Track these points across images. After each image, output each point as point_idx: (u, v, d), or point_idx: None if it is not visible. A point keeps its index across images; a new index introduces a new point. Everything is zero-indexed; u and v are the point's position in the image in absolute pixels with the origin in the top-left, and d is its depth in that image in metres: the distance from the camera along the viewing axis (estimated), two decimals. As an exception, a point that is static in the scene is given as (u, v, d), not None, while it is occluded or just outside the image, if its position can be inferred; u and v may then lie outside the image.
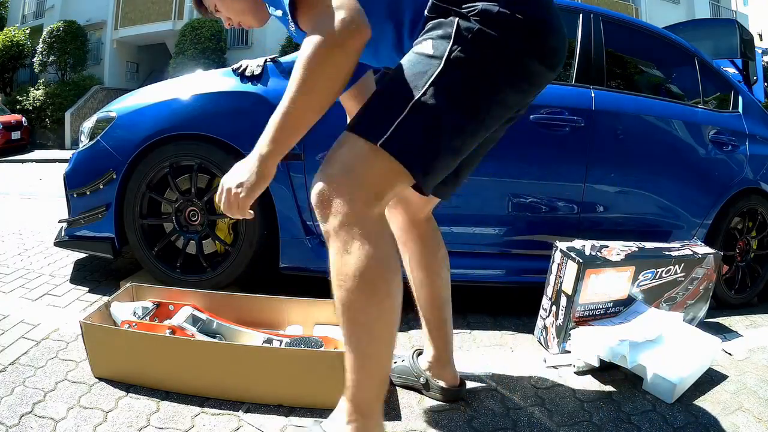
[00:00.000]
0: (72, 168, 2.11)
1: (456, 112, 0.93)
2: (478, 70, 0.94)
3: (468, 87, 0.94)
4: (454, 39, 0.93)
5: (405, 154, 0.90)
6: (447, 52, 0.92)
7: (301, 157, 1.93)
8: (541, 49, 0.99)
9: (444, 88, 0.91)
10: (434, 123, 0.91)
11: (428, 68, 0.92)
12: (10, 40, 15.11)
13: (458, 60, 0.92)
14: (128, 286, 1.67)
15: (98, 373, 1.40)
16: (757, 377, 1.70)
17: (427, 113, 0.90)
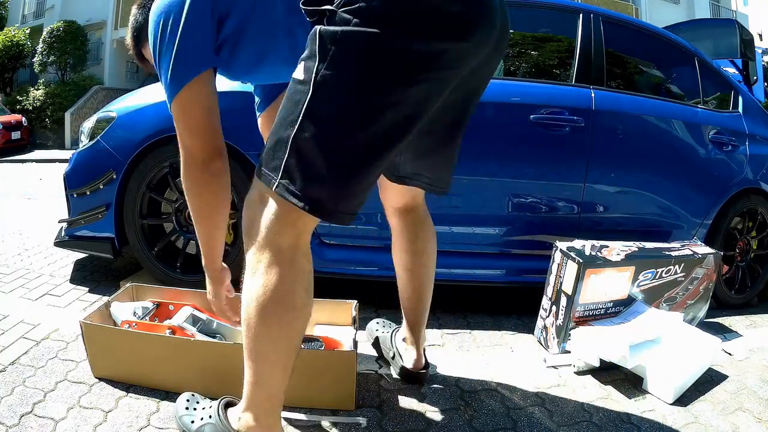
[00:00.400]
0: (72, 168, 2.11)
1: (342, 134, 0.86)
2: (351, 83, 0.85)
3: (344, 106, 0.86)
4: (318, 55, 0.85)
5: (299, 197, 0.85)
6: (314, 74, 0.85)
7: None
8: (429, 25, 0.85)
9: (318, 115, 0.85)
10: (322, 154, 0.85)
11: (300, 97, 0.86)
12: (10, 40, 15.09)
13: (327, 79, 0.84)
14: (128, 286, 1.67)
15: (98, 373, 1.40)
16: (757, 377, 1.70)
17: (309, 146, 0.85)
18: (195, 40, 1.05)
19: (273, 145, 0.89)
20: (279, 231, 0.88)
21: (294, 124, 0.85)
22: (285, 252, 0.89)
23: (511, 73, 2.33)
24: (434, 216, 1.41)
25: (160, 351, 1.35)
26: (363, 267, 2.01)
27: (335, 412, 1.31)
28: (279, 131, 0.88)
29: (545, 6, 2.28)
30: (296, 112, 0.86)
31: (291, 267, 0.90)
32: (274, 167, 0.87)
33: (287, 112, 0.88)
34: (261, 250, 0.89)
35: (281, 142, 0.87)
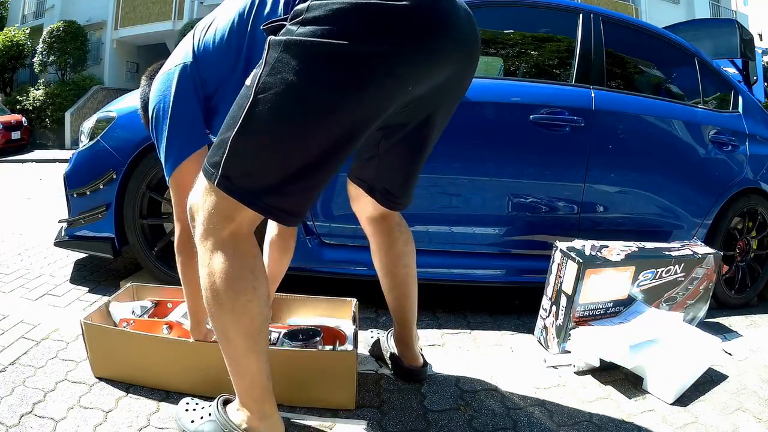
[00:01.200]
0: (72, 168, 2.11)
1: (276, 137, 0.90)
2: (288, 88, 0.88)
3: (280, 109, 0.89)
4: (263, 63, 0.90)
5: (235, 192, 0.92)
6: (257, 80, 0.89)
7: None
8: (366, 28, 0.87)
9: (256, 117, 0.89)
10: (257, 153, 0.91)
11: (243, 101, 0.91)
12: (10, 40, 15.09)
13: (266, 84, 0.89)
14: (128, 286, 1.67)
15: (99, 372, 1.40)
16: (757, 377, 1.70)
17: (246, 145, 0.91)
18: (184, 125, 1.16)
19: (217, 144, 0.94)
20: (219, 222, 0.94)
21: (234, 126, 0.90)
22: (227, 240, 0.95)
23: (511, 73, 2.33)
24: (435, 216, 1.41)
25: (161, 351, 1.35)
26: (363, 267, 2.01)
27: (335, 413, 1.31)
28: (223, 132, 0.93)
29: (545, 6, 2.28)
30: (238, 115, 0.91)
31: (234, 252, 0.95)
32: (214, 163, 0.93)
33: (231, 114, 0.93)
34: (205, 240, 0.96)
35: (223, 142, 0.92)
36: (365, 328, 1.87)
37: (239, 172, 0.91)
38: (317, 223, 1.99)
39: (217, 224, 0.95)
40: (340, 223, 1.99)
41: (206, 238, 0.96)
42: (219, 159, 0.92)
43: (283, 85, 0.88)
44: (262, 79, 0.89)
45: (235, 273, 0.94)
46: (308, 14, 0.87)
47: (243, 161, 0.91)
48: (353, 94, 0.89)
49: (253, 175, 0.92)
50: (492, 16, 2.21)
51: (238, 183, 0.91)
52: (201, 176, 0.97)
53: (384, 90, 0.92)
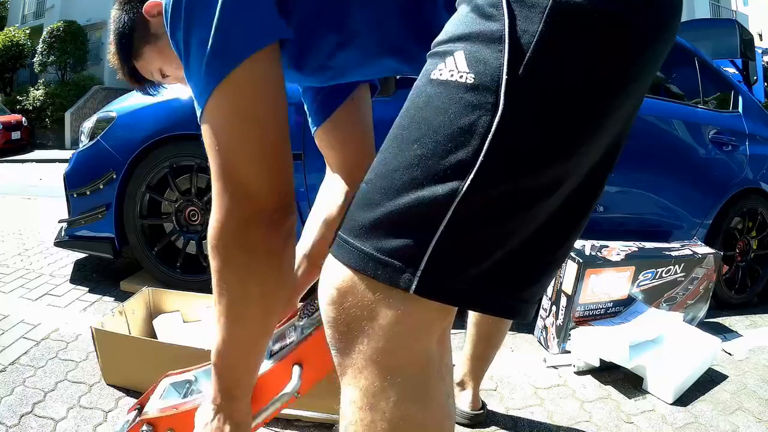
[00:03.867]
0: (72, 168, 2.11)
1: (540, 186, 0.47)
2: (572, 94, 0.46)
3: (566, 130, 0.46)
4: (511, 37, 0.44)
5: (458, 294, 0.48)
6: (503, 76, 0.44)
7: (301, 157, 1.93)
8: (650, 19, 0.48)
9: (513, 149, 0.45)
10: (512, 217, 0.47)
11: (471, 117, 0.45)
12: (10, 40, 15.10)
13: (533, 84, 0.44)
14: (144, 291, 1.62)
15: (110, 380, 1.38)
16: (757, 377, 1.70)
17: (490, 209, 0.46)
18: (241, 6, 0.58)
19: (400, 209, 0.47)
20: (421, 341, 0.52)
21: (464, 173, 0.45)
22: (433, 361, 0.53)
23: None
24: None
25: (175, 360, 1.32)
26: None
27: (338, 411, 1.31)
28: (419, 182, 0.46)
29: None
30: (467, 149, 0.45)
31: (441, 383, 0.54)
32: (405, 250, 0.47)
33: (439, 147, 0.46)
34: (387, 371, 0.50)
35: (427, 204, 0.46)
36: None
37: (468, 258, 0.47)
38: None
39: (411, 341, 0.50)
40: (340, 223, 1.99)
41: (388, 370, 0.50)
42: (421, 242, 0.46)
43: (561, 82, 0.45)
44: (520, 71, 0.44)
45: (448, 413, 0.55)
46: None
47: (475, 240, 0.47)
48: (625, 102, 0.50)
49: (488, 261, 0.48)
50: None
51: (464, 281, 0.48)
52: (352, 275, 0.49)
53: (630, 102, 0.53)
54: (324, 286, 0.52)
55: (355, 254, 0.49)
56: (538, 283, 0.53)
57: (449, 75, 0.47)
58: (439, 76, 0.47)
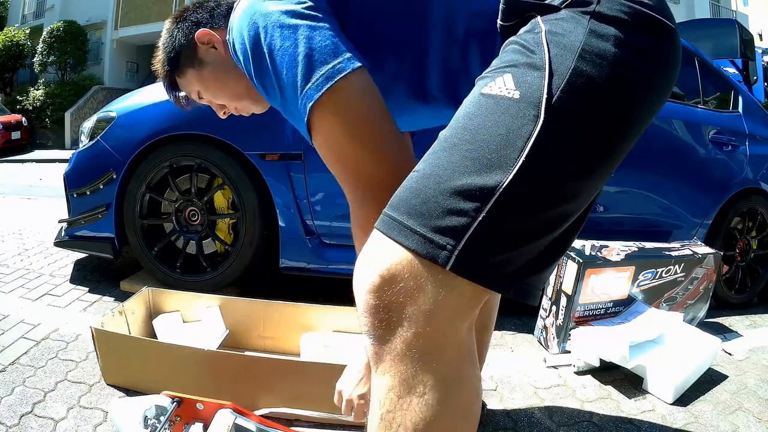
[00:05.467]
0: (72, 168, 2.11)
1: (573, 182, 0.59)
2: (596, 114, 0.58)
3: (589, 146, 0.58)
4: (549, 65, 0.57)
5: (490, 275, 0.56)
6: (545, 92, 0.55)
7: (301, 157, 1.93)
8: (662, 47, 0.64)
9: (552, 154, 0.56)
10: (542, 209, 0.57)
11: (517, 124, 0.55)
12: (10, 40, 15.10)
13: (566, 103, 0.56)
14: (144, 291, 1.62)
15: (110, 380, 1.38)
16: (757, 377, 1.70)
17: (527, 200, 0.55)
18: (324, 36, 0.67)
19: (448, 192, 0.54)
20: (457, 322, 0.57)
21: (507, 167, 0.54)
22: (465, 345, 0.58)
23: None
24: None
25: (175, 360, 1.32)
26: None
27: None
28: (468, 171, 0.55)
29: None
30: (512, 149, 0.54)
31: (473, 366, 0.60)
32: (449, 229, 0.53)
33: (488, 145, 0.55)
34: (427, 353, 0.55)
35: (473, 192, 0.54)
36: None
37: (503, 244, 0.55)
38: (317, 222, 1.99)
39: (447, 326, 0.56)
40: (340, 222, 1.99)
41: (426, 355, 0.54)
42: (463, 223, 0.53)
43: (589, 106, 0.57)
44: (558, 92, 0.56)
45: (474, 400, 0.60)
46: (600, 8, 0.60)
47: (512, 228, 0.55)
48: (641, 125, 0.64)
49: (521, 249, 0.56)
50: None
51: (498, 265, 0.55)
52: (396, 249, 0.55)
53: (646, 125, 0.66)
54: (366, 273, 0.57)
55: (400, 229, 0.55)
56: (548, 270, 0.63)
57: (498, 90, 0.58)
58: (489, 91, 0.58)
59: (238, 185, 1.94)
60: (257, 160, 1.93)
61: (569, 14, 0.60)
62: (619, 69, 0.58)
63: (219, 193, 2.04)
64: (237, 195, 1.95)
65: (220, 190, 2.02)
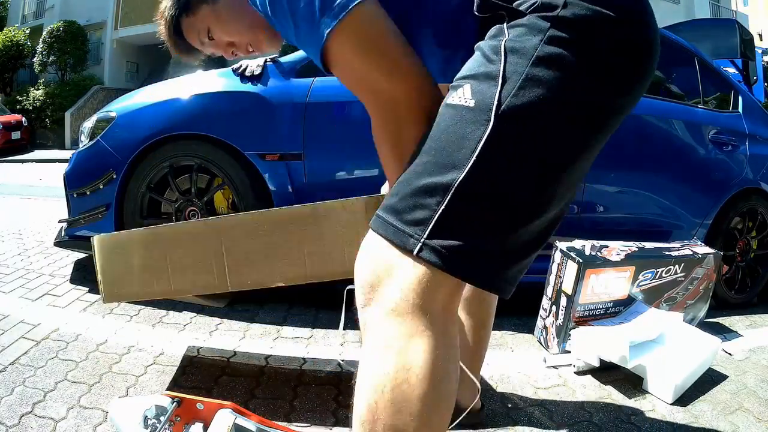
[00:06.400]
0: (72, 168, 2.11)
1: (523, 182, 0.65)
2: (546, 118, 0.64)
3: (533, 147, 0.64)
4: (502, 77, 0.63)
5: (450, 261, 0.63)
6: (495, 102, 0.63)
7: (301, 157, 1.93)
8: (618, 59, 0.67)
9: (499, 156, 0.63)
10: (497, 206, 0.64)
11: (470, 130, 0.64)
12: (10, 40, 15.10)
13: (515, 111, 0.63)
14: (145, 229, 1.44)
15: (110, 298, 1.28)
16: (757, 377, 1.70)
17: (480, 196, 0.63)
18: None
19: (415, 191, 0.65)
20: (425, 297, 0.64)
21: (461, 167, 0.63)
22: (437, 320, 0.65)
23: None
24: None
25: (181, 242, 1.23)
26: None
27: (335, 414, 1.31)
28: (430, 172, 0.65)
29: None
30: (465, 150, 0.63)
31: (444, 338, 0.66)
32: (416, 221, 0.64)
33: (444, 146, 0.65)
34: (400, 317, 0.64)
35: (433, 189, 0.64)
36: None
37: (462, 232, 0.63)
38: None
39: (422, 301, 0.65)
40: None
41: (403, 316, 0.64)
42: (427, 215, 0.63)
43: (539, 114, 0.63)
44: (507, 101, 0.63)
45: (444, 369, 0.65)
46: (564, 12, 0.64)
47: (471, 218, 0.63)
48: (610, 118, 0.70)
49: (478, 239, 0.64)
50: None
51: (459, 249, 0.63)
52: (379, 240, 0.67)
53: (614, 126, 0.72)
54: (359, 259, 0.70)
55: (381, 223, 0.67)
56: (516, 266, 0.70)
57: (458, 100, 0.67)
58: (451, 101, 0.68)
59: (238, 185, 1.94)
60: (257, 160, 1.93)
61: (531, 20, 0.65)
62: (574, 73, 0.64)
63: (219, 193, 2.04)
64: (237, 195, 1.95)
65: (220, 190, 2.02)
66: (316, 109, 1.94)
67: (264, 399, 1.38)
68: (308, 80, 1.97)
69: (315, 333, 1.81)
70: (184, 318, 1.87)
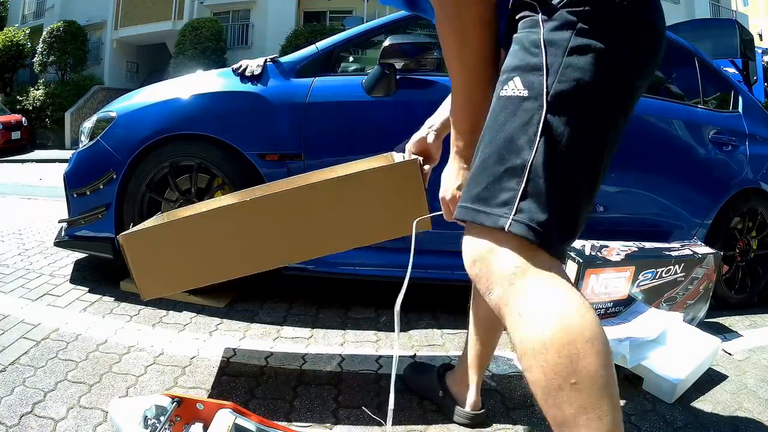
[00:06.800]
0: (72, 168, 2.11)
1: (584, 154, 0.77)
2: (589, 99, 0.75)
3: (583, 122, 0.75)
4: (547, 68, 0.74)
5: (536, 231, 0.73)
6: (544, 89, 0.74)
7: (301, 157, 1.93)
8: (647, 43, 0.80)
9: (558, 133, 0.74)
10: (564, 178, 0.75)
11: (529, 115, 0.74)
12: (10, 40, 15.10)
13: (562, 94, 0.74)
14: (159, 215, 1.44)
15: (150, 293, 1.25)
16: (757, 377, 1.70)
17: (551, 171, 0.74)
18: None
19: (497, 177, 0.75)
20: (531, 260, 0.74)
21: (529, 148, 0.74)
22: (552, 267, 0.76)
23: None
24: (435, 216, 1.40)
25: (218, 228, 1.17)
26: (363, 267, 2.01)
27: (335, 413, 1.31)
28: (504, 158, 0.75)
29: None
30: (529, 133, 0.74)
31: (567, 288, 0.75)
32: (503, 202, 0.74)
33: (511, 134, 0.75)
34: (520, 296, 0.73)
35: (511, 171, 0.74)
36: (365, 328, 1.87)
37: (543, 206, 0.73)
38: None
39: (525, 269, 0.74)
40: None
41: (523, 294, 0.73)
42: (511, 195, 0.74)
43: (579, 93, 0.74)
44: (553, 87, 0.74)
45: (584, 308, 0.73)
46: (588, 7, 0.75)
47: (546, 191, 0.74)
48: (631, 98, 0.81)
49: (560, 207, 0.75)
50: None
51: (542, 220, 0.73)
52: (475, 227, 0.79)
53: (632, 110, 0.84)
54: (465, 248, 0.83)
55: (474, 213, 0.78)
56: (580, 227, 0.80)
57: (511, 92, 0.77)
58: (504, 93, 0.78)
59: (238, 185, 1.94)
60: (257, 160, 1.93)
61: (562, 15, 0.75)
62: (602, 58, 0.75)
63: (219, 193, 2.04)
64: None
65: (220, 190, 2.02)
66: (316, 110, 1.94)
67: (264, 399, 1.38)
68: (308, 80, 1.98)
69: (315, 333, 1.81)
70: (184, 318, 1.87)
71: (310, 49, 2.08)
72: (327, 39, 2.11)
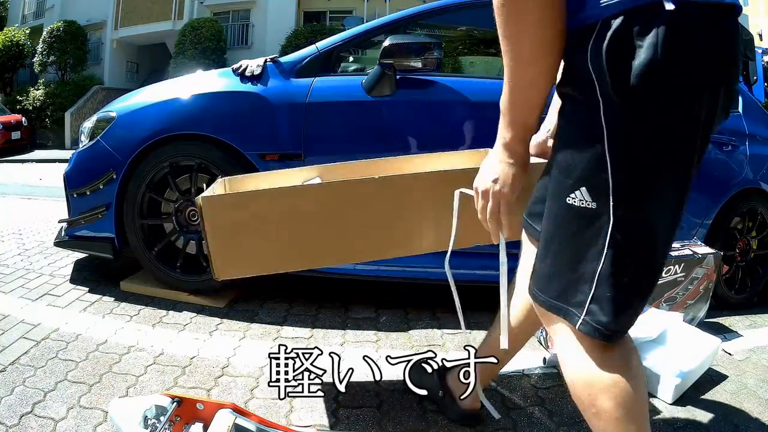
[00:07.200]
0: (72, 168, 2.11)
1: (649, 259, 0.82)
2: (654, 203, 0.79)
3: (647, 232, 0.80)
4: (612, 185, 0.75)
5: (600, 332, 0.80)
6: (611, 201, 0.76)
7: (301, 157, 1.93)
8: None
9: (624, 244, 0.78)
10: (631, 283, 0.80)
11: (598, 229, 0.78)
12: (10, 40, 15.09)
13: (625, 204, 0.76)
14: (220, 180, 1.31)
15: (226, 273, 1.13)
16: (757, 377, 1.70)
17: (617, 279, 0.79)
18: None
19: (573, 281, 0.82)
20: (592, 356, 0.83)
21: (598, 259, 0.78)
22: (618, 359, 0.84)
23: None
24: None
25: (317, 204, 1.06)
26: (363, 267, 2.01)
27: (335, 414, 1.31)
28: (577, 268, 0.81)
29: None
30: (598, 245, 0.78)
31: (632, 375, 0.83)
32: (577, 303, 0.81)
33: (583, 244, 0.80)
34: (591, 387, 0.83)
35: (583, 278, 0.80)
36: (365, 328, 1.87)
37: (608, 309, 0.80)
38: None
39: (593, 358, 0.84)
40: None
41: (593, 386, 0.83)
42: (583, 298, 0.81)
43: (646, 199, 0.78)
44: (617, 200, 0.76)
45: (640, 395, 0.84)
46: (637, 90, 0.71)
47: (612, 296, 0.79)
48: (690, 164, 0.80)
49: (623, 310, 0.81)
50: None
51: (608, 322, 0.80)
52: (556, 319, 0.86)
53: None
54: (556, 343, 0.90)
55: (552, 305, 0.85)
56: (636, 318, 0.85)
57: (579, 203, 0.79)
58: (572, 202, 0.80)
59: (238, 185, 1.94)
60: (257, 160, 1.93)
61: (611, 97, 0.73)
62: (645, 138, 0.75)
63: (219, 193, 2.04)
64: (237, 195, 1.95)
65: (220, 190, 2.02)
66: (316, 110, 1.94)
67: (264, 399, 1.38)
68: (308, 80, 1.97)
69: (315, 333, 1.81)
70: (184, 318, 1.87)
71: (310, 49, 2.08)
72: (327, 39, 2.10)
